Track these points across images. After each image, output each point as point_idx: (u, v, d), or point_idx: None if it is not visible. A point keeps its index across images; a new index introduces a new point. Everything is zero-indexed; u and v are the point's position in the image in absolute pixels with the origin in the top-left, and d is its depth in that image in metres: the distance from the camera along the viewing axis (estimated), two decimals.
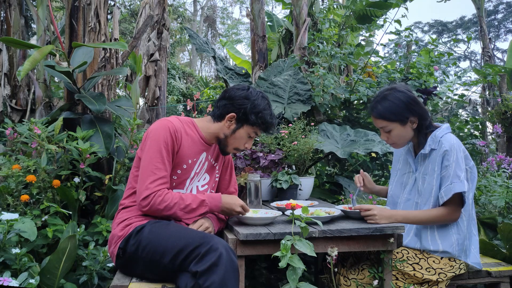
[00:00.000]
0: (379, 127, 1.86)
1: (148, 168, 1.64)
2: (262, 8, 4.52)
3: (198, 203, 1.67)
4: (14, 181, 2.25)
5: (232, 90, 1.82)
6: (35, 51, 2.47)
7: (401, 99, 1.80)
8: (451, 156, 1.75)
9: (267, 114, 1.78)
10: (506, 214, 2.49)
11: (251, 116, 1.76)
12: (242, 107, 1.76)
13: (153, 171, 1.63)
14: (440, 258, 1.78)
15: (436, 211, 1.77)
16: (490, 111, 5.72)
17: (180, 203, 1.64)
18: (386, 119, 1.82)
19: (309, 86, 3.64)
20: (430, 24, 20.67)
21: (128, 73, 6.43)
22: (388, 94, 1.84)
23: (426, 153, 1.83)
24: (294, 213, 1.53)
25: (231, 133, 1.79)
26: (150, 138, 1.69)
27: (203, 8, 24.51)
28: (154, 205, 1.61)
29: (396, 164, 2.05)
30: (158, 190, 1.62)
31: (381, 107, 1.82)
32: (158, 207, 1.61)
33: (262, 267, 2.73)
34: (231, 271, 1.42)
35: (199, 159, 1.81)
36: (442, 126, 1.85)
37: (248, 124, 1.78)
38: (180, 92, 11.86)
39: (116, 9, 3.36)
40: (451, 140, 1.78)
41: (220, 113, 1.80)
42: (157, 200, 1.61)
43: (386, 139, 1.87)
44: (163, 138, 1.67)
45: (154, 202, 1.61)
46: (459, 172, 1.73)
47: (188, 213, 1.65)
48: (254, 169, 2.59)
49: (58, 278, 1.83)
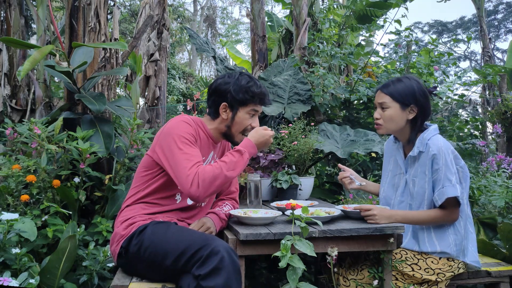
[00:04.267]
0: (379, 102, 1.87)
1: (181, 158, 1.59)
2: (262, 8, 4.52)
3: (237, 156, 1.64)
4: (14, 181, 2.25)
5: (213, 83, 1.83)
6: (35, 51, 2.47)
7: (414, 86, 1.83)
8: (440, 160, 1.75)
9: (253, 86, 1.76)
10: (506, 214, 2.49)
11: (239, 95, 1.74)
12: (227, 92, 1.75)
13: (188, 158, 1.59)
14: (439, 259, 1.78)
15: (435, 212, 1.77)
16: (490, 111, 5.72)
17: (223, 166, 1.59)
18: (390, 96, 1.83)
19: (309, 86, 3.64)
20: (430, 24, 20.66)
21: (128, 73, 6.43)
22: (404, 78, 1.88)
23: (415, 156, 1.83)
24: (294, 213, 1.53)
25: (231, 121, 1.79)
26: (173, 133, 1.65)
27: (203, 8, 24.50)
28: (204, 184, 1.54)
29: (387, 165, 2.04)
30: (197, 170, 1.56)
31: (393, 85, 1.85)
32: (208, 183, 1.55)
33: (262, 267, 2.73)
34: (233, 273, 1.41)
35: (208, 158, 1.82)
36: (430, 127, 1.85)
37: (241, 105, 1.76)
38: (180, 92, 11.86)
39: (116, 9, 3.36)
40: (438, 143, 1.77)
41: (214, 109, 1.81)
42: (202, 177, 1.54)
43: (379, 117, 1.87)
44: (187, 131, 1.67)
45: (202, 181, 1.54)
46: (449, 176, 1.73)
47: (234, 168, 1.61)
48: (254, 169, 2.59)
49: (58, 278, 1.83)
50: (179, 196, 1.78)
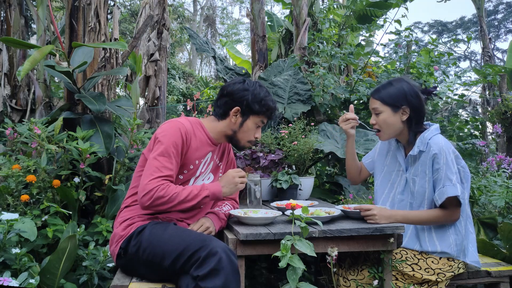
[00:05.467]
0: (372, 107, 1.89)
1: (154, 165, 1.61)
2: (262, 8, 4.51)
3: (199, 188, 1.65)
4: (14, 181, 2.25)
5: (229, 86, 1.82)
6: (35, 51, 2.47)
7: (404, 87, 1.84)
8: (440, 159, 1.74)
9: (269, 100, 1.81)
10: (506, 214, 2.49)
11: (254, 105, 1.77)
12: (244, 99, 1.77)
13: (159, 168, 1.61)
14: (439, 259, 1.78)
15: (435, 212, 1.77)
16: (490, 111, 5.72)
17: (182, 193, 1.60)
18: (380, 100, 1.85)
19: (309, 86, 3.64)
20: (430, 24, 20.66)
21: (128, 73, 6.42)
22: (394, 81, 1.88)
23: (415, 155, 1.83)
24: (294, 213, 1.53)
25: (239, 127, 1.80)
26: (160, 138, 1.67)
27: (203, 8, 24.50)
28: (155, 200, 1.56)
29: (383, 158, 2.02)
30: (161, 184, 1.58)
31: (382, 90, 1.86)
32: (160, 201, 1.57)
33: (262, 267, 2.73)
34: (232, 274, 1.42)
35: (204, 159, 1.82)
36: (431, 127, 1.85)
37: (253, 114, 1.80)
38: (180, 92, 11.86)
39: (116, 9, 3.36)
40: (439, 143, 1.77)
41: (224, 111, 1.81)
42: (159, 194, 1.56)
43: (374, 122, 1.89)
44: (174, 139, 1.67)
45: (156, 196, 1.56)
46: (450, 175, 1.73)
47: (191, 200, 1.62)
48: (254, 169, 2.59)
49: (58, 278, 1.83)
50: None
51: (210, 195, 1.66)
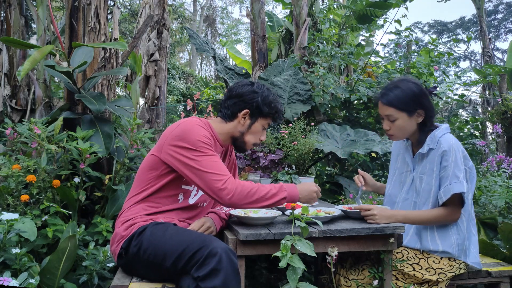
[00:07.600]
0: (385, 114, 1.83)
1: (210, 165, 1.61)
2: (262, 8, 4.52)
3: (277, 188, 1.66)
4: (14, 181, 2.25)
5: (237, 87, 1.83)
6: (35, 51, 2.47)
7: (413, 89, 1.80)
8: (449, 157, 1.74)
9: (277, 103, 1.84)
10: (506, 214, 2.49)
11: (264, 108, 1.79)
12: (254, 101, 1.78)
13: (218, 164, 1.63)
14: (440, 258, 1.78)
15: (436, 211, 1.77)
16: (490, 111, 5.73)
17: (261, 189, 1.62)
18: (395, 107, 1.80)
19: (309, 86, 3.64)
20: (430, 24, 20.66)
21: (128, 73, 6.43)
22: (400, 83, 1.83)
23: (424, 153, 1.82)
24: (294, 213, 1.53)
25: (247, 129, 1.81)
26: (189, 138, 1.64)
27: (203, 8, 24.50)
28: (237, 191, 1.58)
29: (394, 163, 2.04)
30: (229, 177, 1.61)
31: (392, 94, 1.80)
32: (242, 193, 1.58)
33: (262, 267, 2.73)
34: (232, 274, 1.42)
35: None
36: (442, 126, 1.85)
37: (262, 117, 1.81)
38: (180, 92, 11.86)
39: (116, 9, 3.36)
40: (450, 141, 1.77)
41: (232, 112, 1.81)
42: (237, 186, 1.59)
43: (388, 128, 1.85)
44: (203, 134, 1.67)
45: (236, 188, 1.58)
46: (458, 173, 1.73)
47: (270, 198, 1.63)
48: (254, 169, 2.59)
49: (58, 278, 1.83)
50: (182, 196, 1.78)
51: (287, 197, 1.66)
